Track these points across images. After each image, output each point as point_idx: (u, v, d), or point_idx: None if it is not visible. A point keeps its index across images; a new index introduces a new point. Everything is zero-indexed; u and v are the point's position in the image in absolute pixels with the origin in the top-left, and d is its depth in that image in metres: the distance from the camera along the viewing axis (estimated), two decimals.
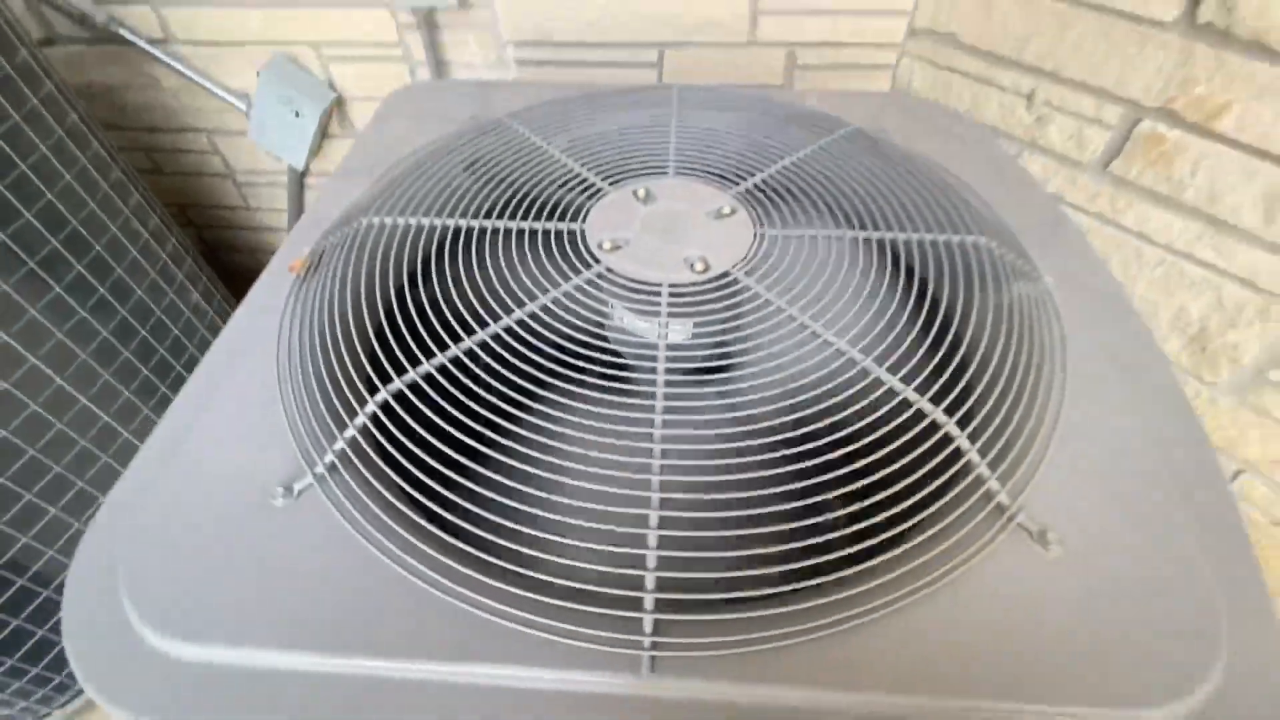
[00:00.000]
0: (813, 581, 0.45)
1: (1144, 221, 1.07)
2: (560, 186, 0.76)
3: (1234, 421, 1.12)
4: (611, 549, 0.45)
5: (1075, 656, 0.43)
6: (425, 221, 0.71)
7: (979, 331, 0.60)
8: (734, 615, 0.44)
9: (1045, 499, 0.51)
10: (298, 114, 1.45)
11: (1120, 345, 0.63)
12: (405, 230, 0.71)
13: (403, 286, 0.67)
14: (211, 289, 1.47)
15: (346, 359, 0.58)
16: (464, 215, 0.71)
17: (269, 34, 1.42)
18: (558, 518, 0.46)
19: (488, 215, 0.71)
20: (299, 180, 1.69)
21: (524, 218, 0.70)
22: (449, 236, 0.71)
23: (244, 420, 0.57)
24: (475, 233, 0.69)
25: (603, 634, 0.43)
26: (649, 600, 0.44)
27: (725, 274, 0.63)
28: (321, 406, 0.55)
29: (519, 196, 0.74)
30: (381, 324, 0.63)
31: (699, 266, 0.63)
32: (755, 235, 0.67)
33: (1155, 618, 0.45)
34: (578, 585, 0.44)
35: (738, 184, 0.74)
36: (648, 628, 0.43)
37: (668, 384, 0.54)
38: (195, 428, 0.57)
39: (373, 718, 0.42)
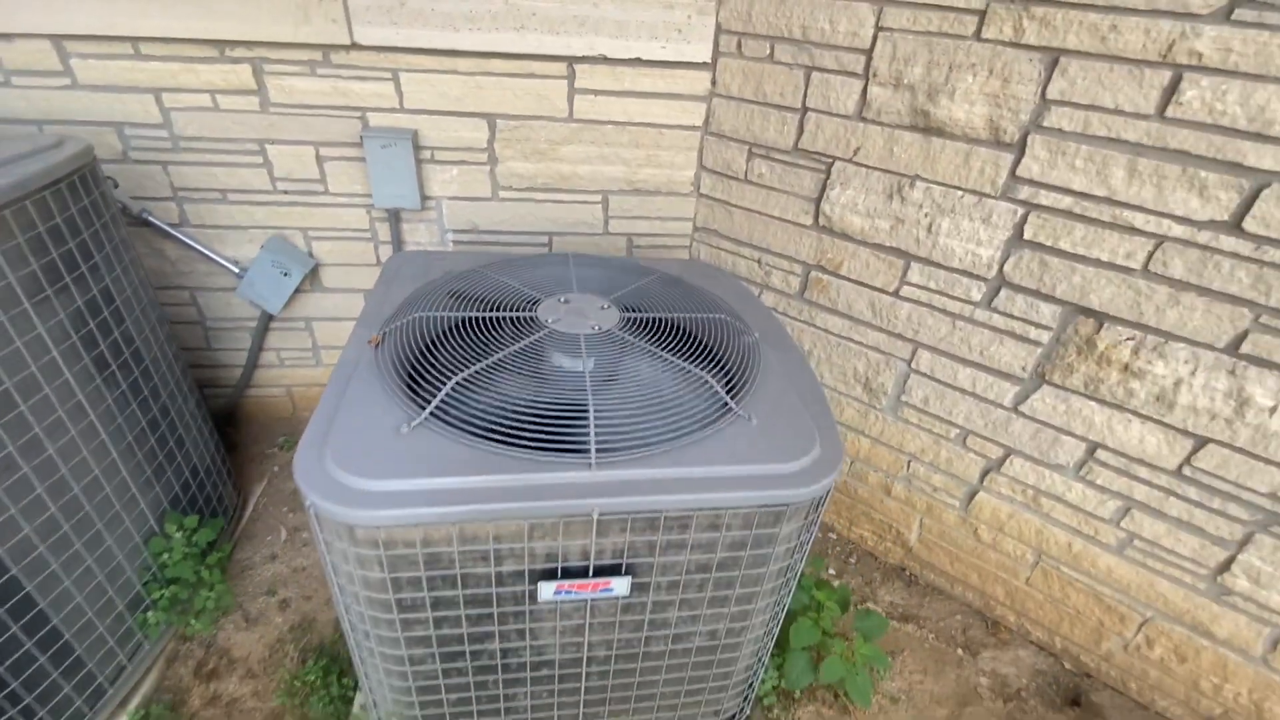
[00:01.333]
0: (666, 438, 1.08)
1: (825, 322, 1.96)
2: (517, 298, 1.42)
3: (897, 430, 1.96)
4: (572, 430, 1.06)
5: (764, 452, 1.10)
6: (444, 314, 1.32)
7: (730, 354, 1.32)
8: (621, 449, 1.05)
9: (750, 405, 1.20)
10: (286, 274, 2.00)
11: (784, 357, 1.39)
12: (430, 319, 1.31)
13: (431, 345, 1.26)
14: (200, 400, 1.85)
15: (418, 378, 1.15)
16: (467, 309, 1.34)
17: (268, 221, 2.00)
18: (547, 422, 1.06)
19: (482, 309, 1.35)
20: (266, 323, 2.17)
21: (503, 310, 1.34)
22: (456, 323, 1.32)
23: (369, 403, 1.11)
24: (477, 319, 1.32)
25: (575, 456, 1.02)
26: (593, 444, 1.04)
27: (610, 330, 1.31)
28: (414, 395, 1.11)
29: (494, 303, 1.38)
30: (427, 359, 1.21)
31: (596, 328, 1.31)
32: (621, 317, 1.37)
33: (792, 437, 1.14)
34: (566, 445, 1.04)
35: (609, 296, 1.45)
36: (593, 452, 1.03)
37: (591, 381, 1.17)
38: (343, 405, 1.09)
39: (460, 506, 0.96)
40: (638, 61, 1.82)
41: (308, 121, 1.84)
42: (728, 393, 1.21)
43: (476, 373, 1.15)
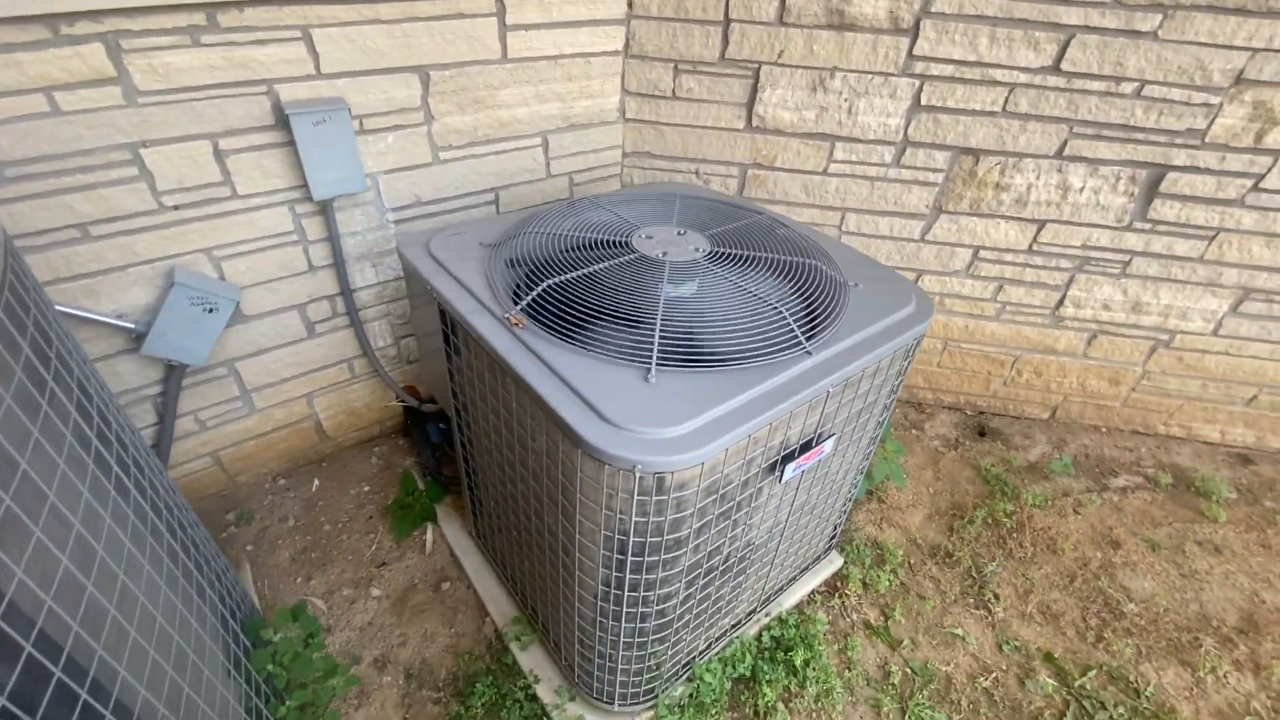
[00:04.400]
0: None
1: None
2: (604, 239, 1.41)
3: None
4: (770, 332, 1.20)
5: (887, 306, 1.37)
6: (570, 276, 1.28)
7: (791, 246, 1.53)
8: (814, 336, 1.23)
9: (849, 277, 1.45)
10: (211, 310, 1.58)
11: (815, 235, 1.65)
12: (561, 283, 1.27)
13: (580, 304, 1.24)
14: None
15: (597, 334, 1.15)
16: (582, 265, 1.31)
17: (155, 252, 1.53)
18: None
19: (575, 267, 1.32)
20: (179, 382, 1.70)
21: (610, 257, 1.34)
22: (583, 279, 1.30)
23: (584, 369, 1.09)
24: (578, 276, 1.31)
25: (792, 351, 1.17)
26: (801, 337, 1.20)
27: (712, 250, 1.41)
28: (607, 349, 1.13)
29: (587, 253, 1.36)
30: (589, 317, 1.20)
31: (699, 250, 1.40)
32: (707, 237, 1.47)
33: (891, 292, 1.42)
34: (771, 346, 1.17)
35: (674, 225, 1.52)
36: (804, 342, 1.19)
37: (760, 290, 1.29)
38: (573, 378, 1.06)
39: (753, 420, 1.06)
40: None
41: (197, 108, 1.43)
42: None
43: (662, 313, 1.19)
